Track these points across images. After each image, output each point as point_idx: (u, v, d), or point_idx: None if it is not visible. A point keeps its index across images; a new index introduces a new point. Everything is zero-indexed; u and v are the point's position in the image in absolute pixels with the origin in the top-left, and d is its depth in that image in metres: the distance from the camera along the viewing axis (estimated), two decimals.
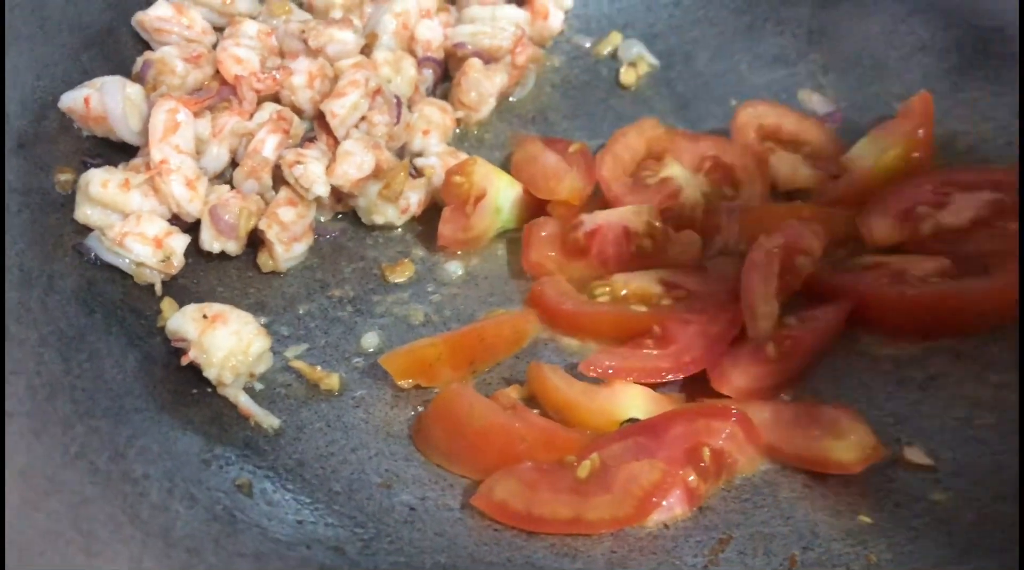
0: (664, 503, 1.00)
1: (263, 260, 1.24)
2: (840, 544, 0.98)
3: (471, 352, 1.15)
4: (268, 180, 1.25)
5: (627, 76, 1.54)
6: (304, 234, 1.25)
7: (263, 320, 1.16)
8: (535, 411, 1.10)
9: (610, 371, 1.12)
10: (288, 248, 1.23)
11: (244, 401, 1.07)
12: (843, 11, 1.56)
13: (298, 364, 1.13)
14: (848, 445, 1.02)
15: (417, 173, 1.33)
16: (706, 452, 1.02)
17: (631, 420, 1.07)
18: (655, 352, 1.14)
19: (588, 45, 1.61)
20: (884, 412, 1.10)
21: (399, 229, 1.32)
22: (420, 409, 1.11)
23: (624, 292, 1.22)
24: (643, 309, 1.19)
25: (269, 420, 1.07)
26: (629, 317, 1.18)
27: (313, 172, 1.22)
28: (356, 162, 1.25)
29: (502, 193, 1.31)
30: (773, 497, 1.03)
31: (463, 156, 1.38)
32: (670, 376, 1.12)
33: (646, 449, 1.02)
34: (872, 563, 0.95)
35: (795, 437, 1.05)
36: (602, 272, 1.26)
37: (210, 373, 1.05)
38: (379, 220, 1.30)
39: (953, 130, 1.42)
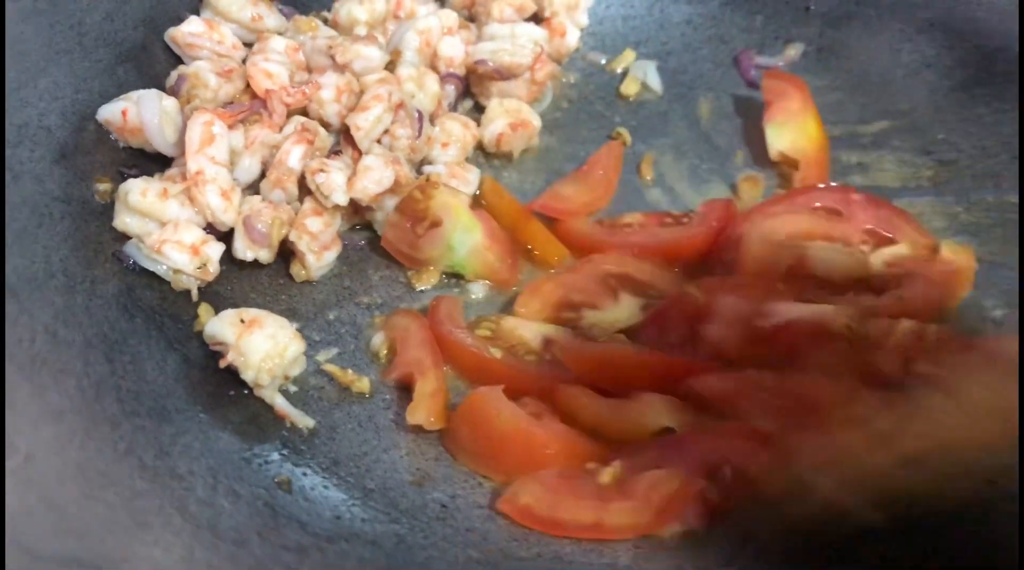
0: (683, 517, 1.02)
1: (296, 270, 1.28)
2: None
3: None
4: (294, 190, 1.29)
5: (628, 87, 1.60)
6: (333, 242, 1.29)
7: (295, 325, 1.20)
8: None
9: None
10: (319, 257, 1.27)
11: (280, 402, 1.11)
12: (851, 30, 1.61)
13: (330, 367, 1.17)
14: None
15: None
16: (727, 470, 1.04)
17: (666, 430, 1.10)
18: None
19: (603, 62, 1.65)
20: None
21: None
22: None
23: (506, 338, 1.22)
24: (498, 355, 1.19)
25: (304, 420, 1.10)
26: (485, 360, 1.17)
27: (334, 181, 1.26)
28: (376, 177, 1.29)
29: (457, 233, 1.29)
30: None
31: (471, 168, 1.42)
32: None
33: (669, 461, 1.05)
34: (887, 558, 0.99)
35: None
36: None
37: (248, 375, 1.09)
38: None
39: (957, 145, 1.47)
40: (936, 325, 1.15)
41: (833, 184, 1.42)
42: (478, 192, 1.41)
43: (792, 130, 1.47)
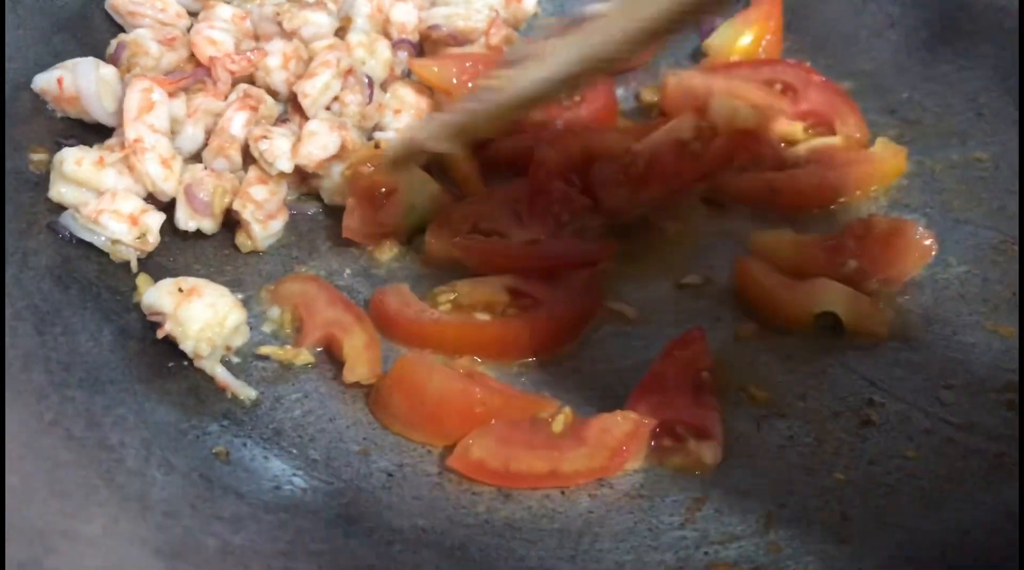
0: (715, 436, 1.03)
1: (241, 240, 1.24)
2: (815, 501, 0.98)
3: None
4: (237, 158, 1.25)
5: None
6: (279, 211, 1.26)
7: (240, 296, 1.16)
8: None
9: None
10: (265, 226, 1.23)
11: (220, 373, 1.07)
12: None
13: (267, 350, 1.11)
14: None
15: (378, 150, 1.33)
16: (704, 375, 1.08)
17: (826, 314, 1.12)
18: None
19: None
20: (857, 374, 1.11)
21: None
22: None
23: (468, 301, 1.18)
24: (486, 318, 1.16)
25: (246, 391, 1.07)
26: (471, 326, 1.15)
27: (278, 147, 1.22)
28: (321, 142, 1.25)
29: (415, 190, 1.27)
30: (748, 457, 1.03)
31: None
32: None
33: (663, 405, 1.05)
34: (847, 518, 0.96)
35: None
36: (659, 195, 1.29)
37: (186, 346, 1.05)
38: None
39: (922, 103, 1.45)
40: None
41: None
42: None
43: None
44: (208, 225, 1.22)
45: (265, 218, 1.23)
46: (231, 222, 1.25)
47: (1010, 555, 0.89)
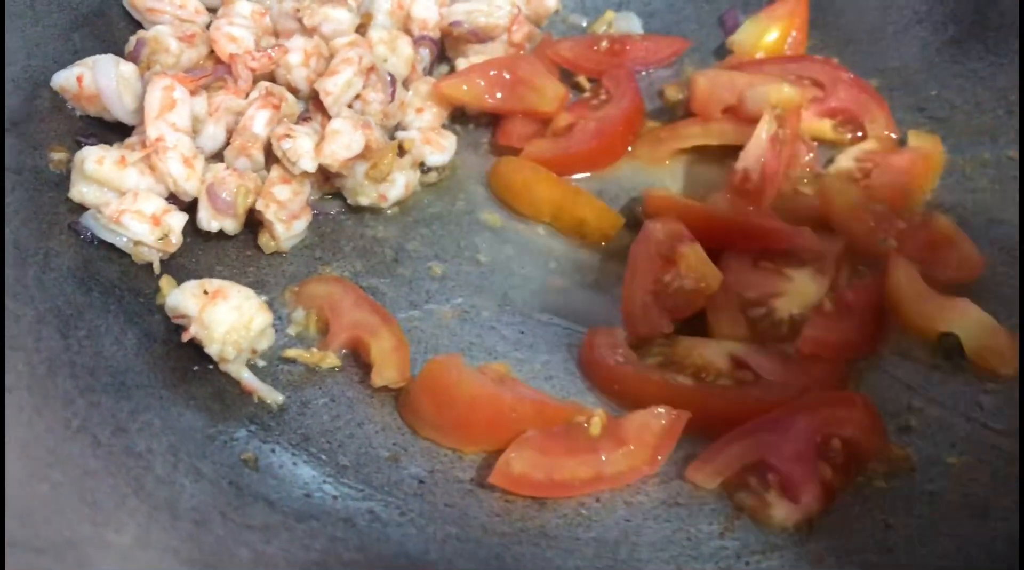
0: (801, 502, 0.95)
1: (264, 241, 1.22)
2: (857, 509, 0.96)
3: None
4: (260, 157, 1.23)
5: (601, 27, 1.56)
6: (302, 211, 1.23)
7: (264, 298, 1.14)
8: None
9: None
10: (288, 226, 1.21)
11: (247, 377, 1.05)
12: None
13: (293, 353, 1.10)
14: None
15: (401, 151, 1.30)
16: (836, 443, 0.99)
17: (948, 336, 1.08)
18: None
19: (584, 24, 1.60)
20: (895, 379, 1.09)
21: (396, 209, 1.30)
22: None
23: (682, 359, 1.11)
24: (689, 382, 1.08)
25: (273, 396, 1.05)
26: (673, 388, 1.06)
27: (301, 146, 1.20)
28: (345, 142, 1.22)
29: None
30: None
31: (447, 134, 1.37)
32: None
33: (771, 446, 0.98)
34: (889, 526, 0.94)
35: None
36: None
37: (212, 349, 1.03)
38: (364, 201, 1.27)
39: (951, 101, 1.42)
40: None
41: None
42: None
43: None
44: (231, 225, 1.19)
45: (288, 218, 1.21)
46: (253, 222, 1.22)
47: None
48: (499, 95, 1.37)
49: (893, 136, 1.38)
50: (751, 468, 0.98)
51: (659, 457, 0.99)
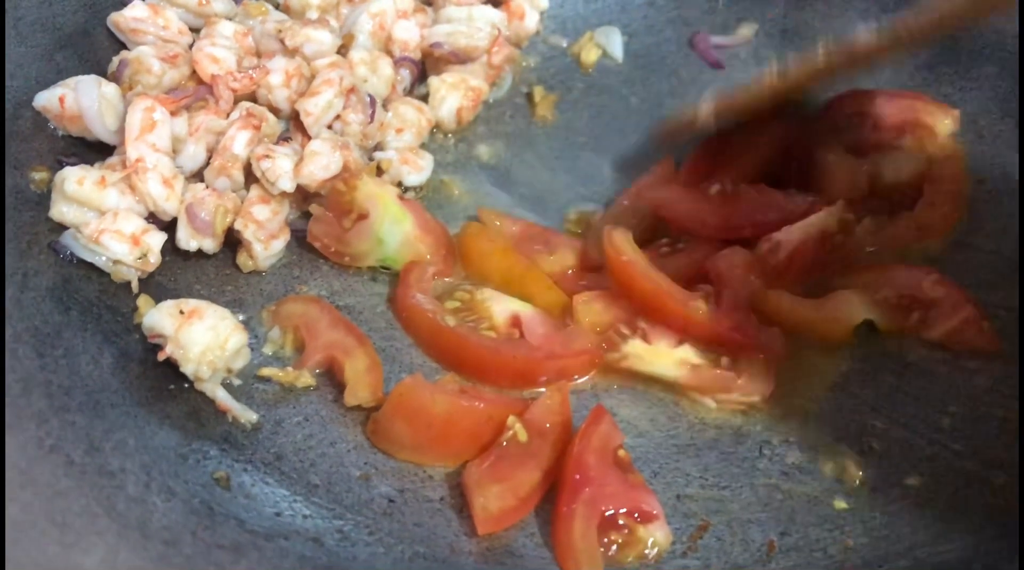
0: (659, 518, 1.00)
1: (243, 260, 1.24)
2: (817, 529, 0.99)
3: None
4: (239, 177, 1.25)
5: (589, 55, 1.57)
6: (280, 231, 1.25)
7: (241, 317, 1.15)
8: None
9: None
10: (267, 246, 1.23)
11: (222, 396, 1.07)
12: (815, 10, 1.59)
13: (268, 372, 1.11)
14: None
15: (379, 171, 1.32)
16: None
17: (866, 323, 1.15)
18: None
19: (565, 45, 1.62)
20: (858, 400, 1.11)
21: None
22: None
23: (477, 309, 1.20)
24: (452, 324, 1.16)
25: (247, 415, 1.06)
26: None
27: (280, 166, 1.22)
28: (323, 162, 1.24)
29: (386, 225, 1.24)
30: (750, 485, 1.03)
31: (424, 154, 1.38)
32: None
33: (599, 496, 0.99)
34: (849, 547, 0.96)
35: None
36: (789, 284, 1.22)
37: (187, 368, 1.05)
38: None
39: None
40: None
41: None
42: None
43: None
44: (209, 245, 1.21)
45: (267, 238, 1.23)
46: (232, 241, 1.24)
47: None
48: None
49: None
50: (606, 527, 0.98)
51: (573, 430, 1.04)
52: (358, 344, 1.12)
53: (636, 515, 0.98)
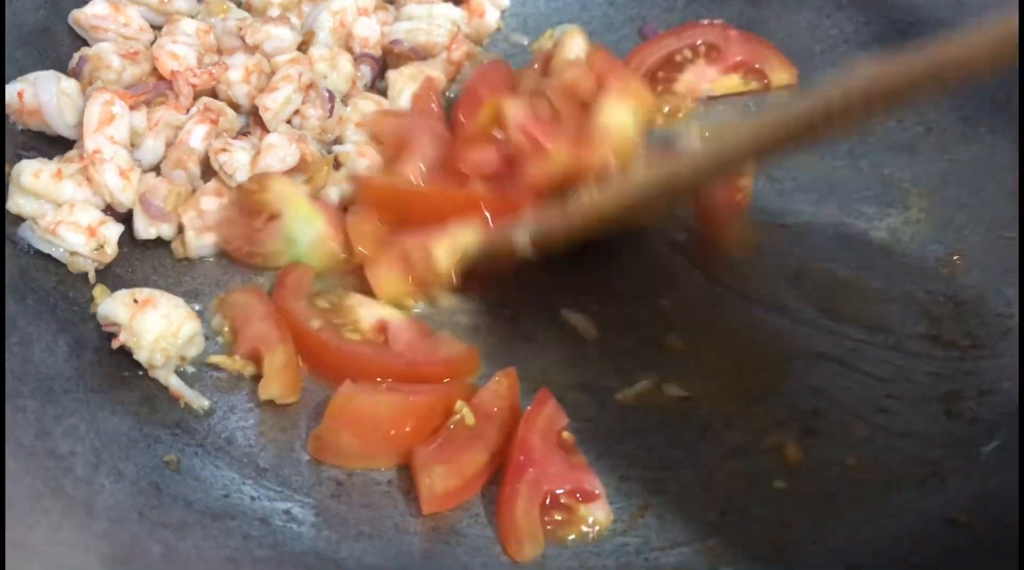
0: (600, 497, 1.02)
1: (175, 245, 1.24)
2: (756, 509, 1.01)
3: None
4: (196, 170, 1.26)
5: (546, 45, 1.58)
6: None
7: (197, 307, 1.17)
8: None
9: None
10: (199, 235, 1.23)
11: (175, 383, 1.08)
12: (771, 7, 1.61)
13: (216, 359, 1.13)
14: None
15: (337, 164, 1.34)
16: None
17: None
18: None
19: (526, 43, 1.64)
20: (801, 384, 1.13)
21: None
22: None
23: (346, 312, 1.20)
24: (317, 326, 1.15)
25: (199, 401, 1.08)
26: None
27: (237, 160, 1.23)
28: (280, 155, 1.26)
29: (297, 224, 1.24)
30: (692, 466, 1.05)
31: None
32: None
33: (541, 477, 1.01)
34: (786, 526, 0.98)
35: None
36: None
37: (141, 356, 1.07)
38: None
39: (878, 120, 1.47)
40: None
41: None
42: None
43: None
44: (167, 230, 1.23)
45: (202, 228, 1.23)
46: None
47: (945, 561, 0.91)
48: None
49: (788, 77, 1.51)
50: (549, 507, 1.00)
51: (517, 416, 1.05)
52: (280, 340, 1.11)
53: (578, 495, 1.00)
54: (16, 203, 1.18)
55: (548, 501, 0.99)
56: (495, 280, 1.23)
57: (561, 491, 1.00)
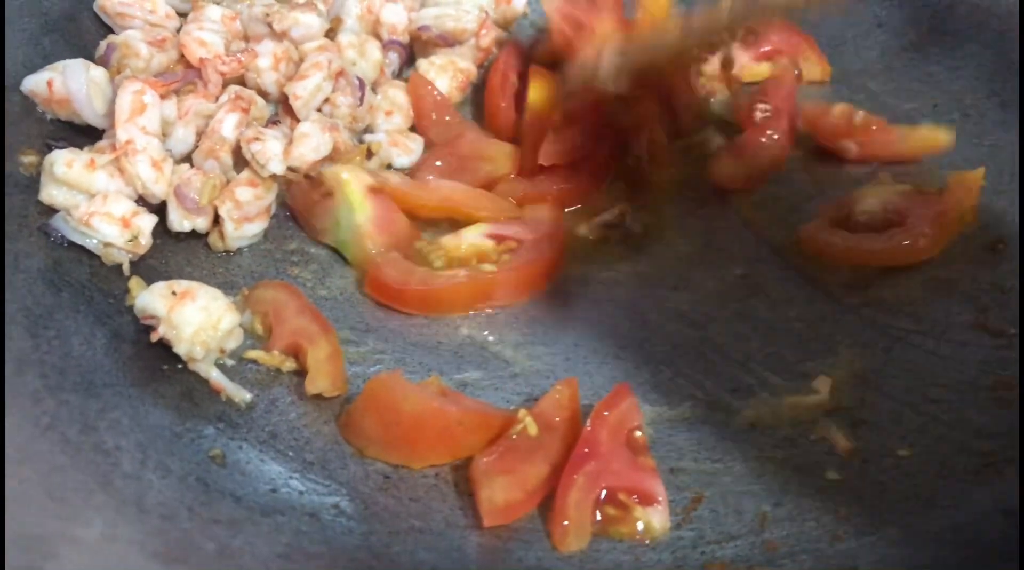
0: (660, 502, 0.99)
1: (213, 239, 1.23)
2: (809, 501, 0.99)
3: None
4: (228, 159, 1.24)
5: None
6: (258, 215, 1.24)
7: (232, 299, 1.15)
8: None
9: None
10: (239, 227, 1.22)
11: (215, 376, 1.07)
12: None
13: (254, 354, 1.11)
14: None
15: (369, 154, 1.33)
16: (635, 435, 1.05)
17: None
18: None
19: None
20: (849, 372, 1.12)
21: None
22: None
23: (459, 253, 1.24)
24: (491, 269, 1.21)
25: (240, 394, 1.06)
26: (485, 280, 1.20)
27: (270, 149, 1.22)
28: (313, 144, 1.24)
29: (343, 210, 1.25)
30: (743, 458, 1.04)
31: (414, 137, 1.38)
32: None
33: (600, 473, 1.00)
34: (841, 517, 0.97)
35: None
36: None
37: (180, 349, 1.05)
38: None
39: (910, 104, 1.46)
40: None
41: None
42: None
43: None
44: (202, 223, 1.21)
45: (241, 219, 1.22)
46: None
47: (1003, 551, 0.90)
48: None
49: (821, 70, 1.52)
50: (605, 501, 0.98)
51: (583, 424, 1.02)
52: (321, 332, 1.10)
53: (635, 496, 0.98)
54: (49, 194, 1.15)
55: (604, 496, 0.98)
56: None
57: (619, 489, 0.98)
